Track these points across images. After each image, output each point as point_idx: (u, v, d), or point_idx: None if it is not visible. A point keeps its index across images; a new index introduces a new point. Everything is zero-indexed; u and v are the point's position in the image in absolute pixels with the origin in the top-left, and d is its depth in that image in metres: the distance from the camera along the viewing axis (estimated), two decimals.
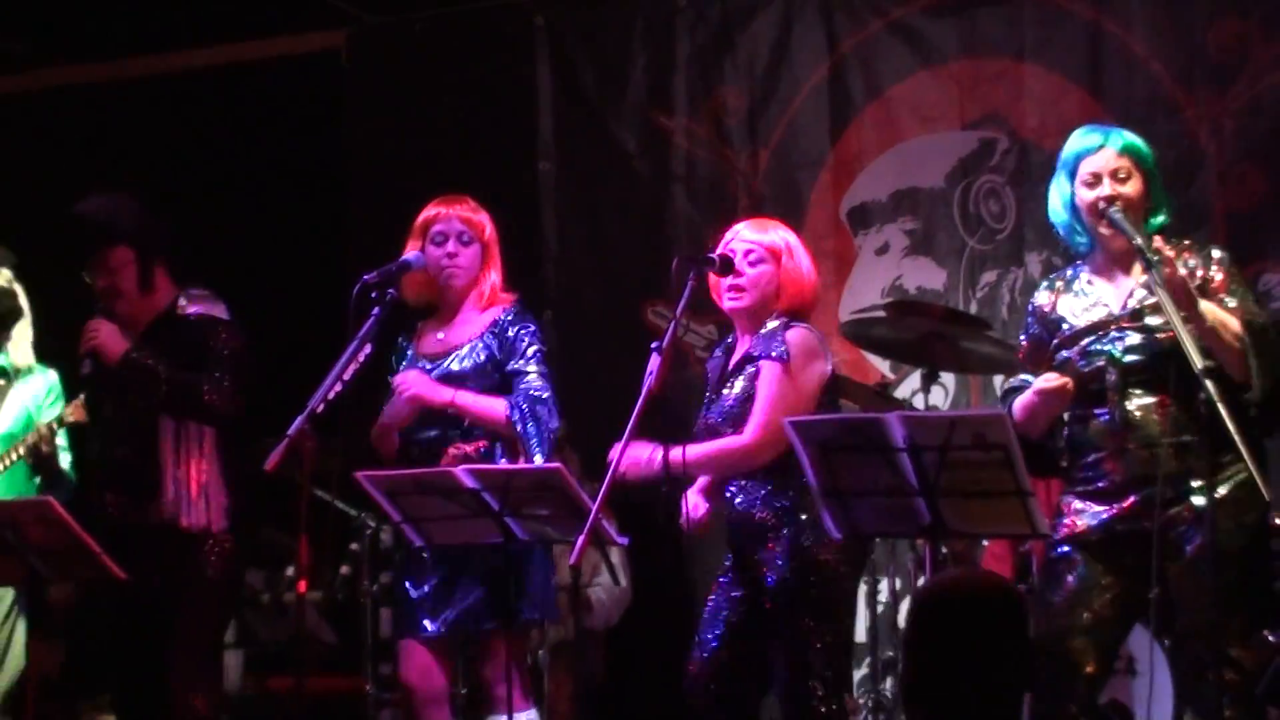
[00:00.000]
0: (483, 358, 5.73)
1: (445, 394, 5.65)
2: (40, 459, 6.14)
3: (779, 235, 5.62)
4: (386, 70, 8.82)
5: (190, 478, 5.79)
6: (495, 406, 5.60)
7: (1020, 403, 5.20)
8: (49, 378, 6.46)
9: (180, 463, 5.79)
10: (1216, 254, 5.16)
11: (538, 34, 8.48)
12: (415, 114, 8.66)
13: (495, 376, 5.70)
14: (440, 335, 5.84)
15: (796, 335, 5.45)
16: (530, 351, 5.72)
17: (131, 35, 8.95)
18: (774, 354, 5.40)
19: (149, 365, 5.77)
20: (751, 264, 5.53)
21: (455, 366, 5.73)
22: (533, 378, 5.68)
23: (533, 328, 5.78)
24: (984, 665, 3.56)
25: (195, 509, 5.78)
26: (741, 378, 5.49)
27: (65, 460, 6.28)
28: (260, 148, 8.83)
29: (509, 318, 5.77)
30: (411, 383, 5.69)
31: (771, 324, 5.49)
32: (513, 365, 5.70)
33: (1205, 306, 4.92)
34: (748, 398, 5.43)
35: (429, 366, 5.77)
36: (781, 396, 5.36)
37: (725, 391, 5.51)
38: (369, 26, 8.87)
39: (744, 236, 5.59)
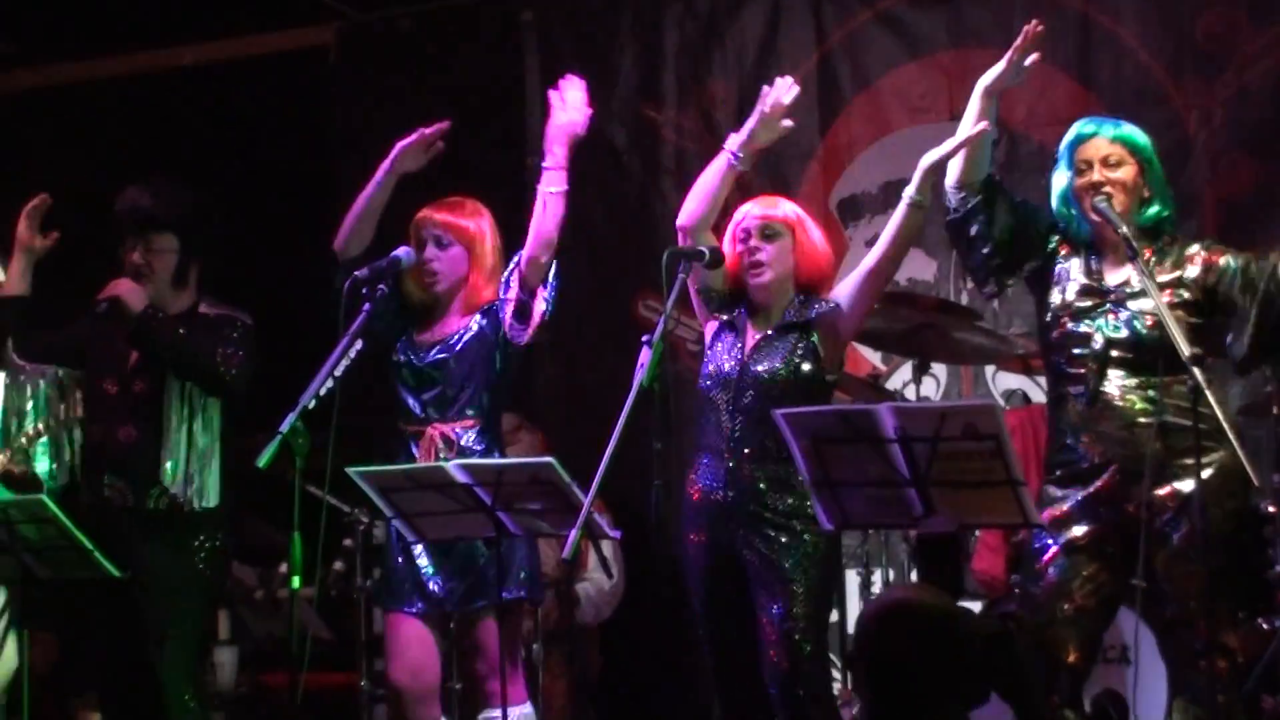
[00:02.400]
0: (474, 331, 5.75)
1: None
2: (13, 480, 6.13)
3: (790, 208, 5.64)
4: (375, 66, 8.82)
5: (193, 457, 5.81)
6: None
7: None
8: None
9: (184, 440, 5.81)
10: (1195, 245, 5.22)
11: (525, 29, 8.48)
12: (404, 110, 8.63)
13: (489, 347, 5.75)
14: (434, 328, 5.86)
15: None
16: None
17: (118, 33, 8.94)
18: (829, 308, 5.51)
19: (169, 320, 5.80)
20: (768, 238, 5.55)
21: (446, 351, 5.76)
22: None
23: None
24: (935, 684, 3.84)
25: (193, 488, 5.80)
26: (783, 345, 5.49)
27: (42, 465, 6.28)
28: (249, 144, 8.82)
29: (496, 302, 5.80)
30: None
31: (802, 298, 5.54)
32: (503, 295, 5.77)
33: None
34: (796, 368, 5.45)
35: (423, 353, 5.79)
36: None
37: (768, 357, 5.50)
38: (357, 23, 8.87)
39: (755, 213, 5.61)
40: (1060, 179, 5.30)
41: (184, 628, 5.84)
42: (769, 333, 5.53)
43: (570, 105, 5.81)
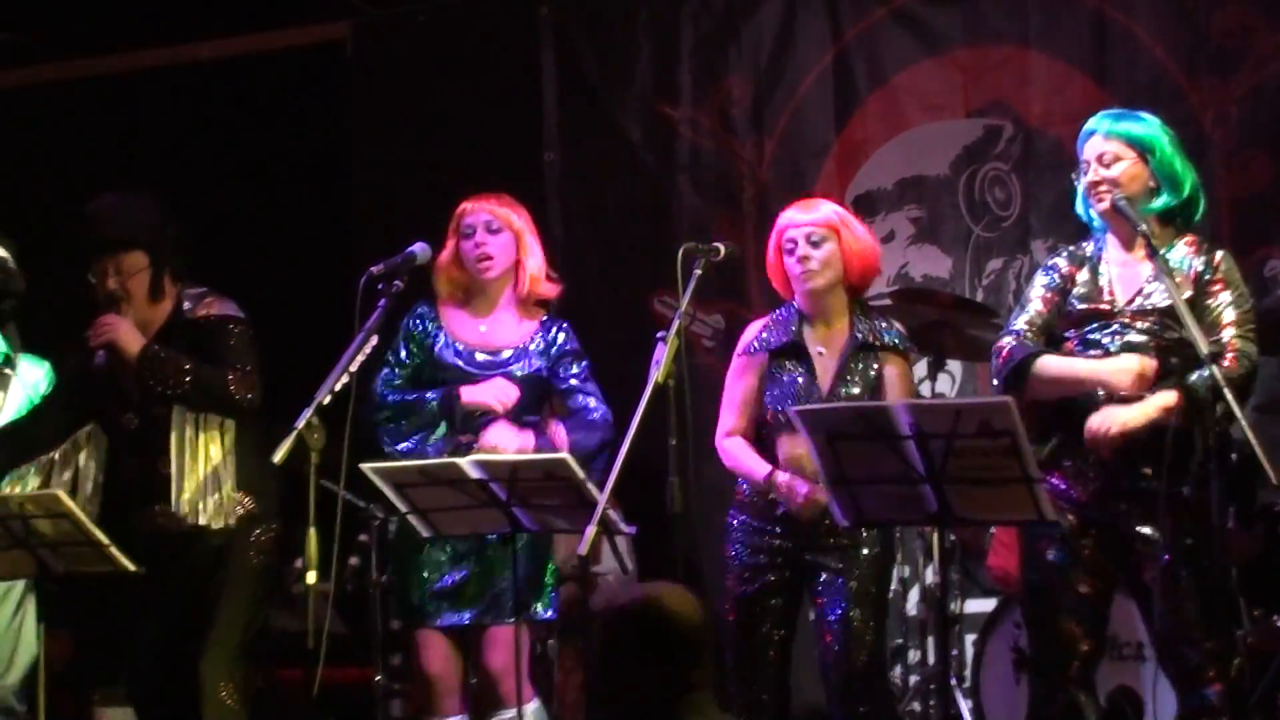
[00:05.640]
0: (534, 367, 5.89)
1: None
2: None
3: (830, 209, 5.68)
4: (391, 62, 8.82)
5: (206, 478, 5.79)
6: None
7: (1066, 366, 5.19)
8: (43, 366, 6.46)
9: (196, 461, 5.79)
10: (1219, 255, 5.18)
11: (542, 25, 8.47)
12: (420, 105, 8.66)
13: (542, 388, 5.92)
14: (482, 328, 5.89)
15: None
16: (575, 370, 5.94)
17: (135, 28, 8.95)
18: (902, 346, 5.63)
19: (172, 356, 5.76)
20: (815, 244, 5.58)
21: (514, 371, 5.87)
22: (581, 397, 5.92)
23: (573, 344, 5.99)
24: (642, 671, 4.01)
25: (210, 509, 5.79)
26: (862, 366, 5.62)
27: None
28: (265, 140, 8.83)
29: (554, 334, 5.95)
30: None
31: (866, 318, 5.66)
32: (561, 384, 5.92)
33: None
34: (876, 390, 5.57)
35: (481, 358, 5.85)
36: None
37: (849, 381, 5.61)
38: (373, 18, 8.87)
39: (798, 220, 5.65)
40: (1080, 179, 5.33)
41: (227, 622, 5.83)
42: (846, 355, 5.63)
43: None
